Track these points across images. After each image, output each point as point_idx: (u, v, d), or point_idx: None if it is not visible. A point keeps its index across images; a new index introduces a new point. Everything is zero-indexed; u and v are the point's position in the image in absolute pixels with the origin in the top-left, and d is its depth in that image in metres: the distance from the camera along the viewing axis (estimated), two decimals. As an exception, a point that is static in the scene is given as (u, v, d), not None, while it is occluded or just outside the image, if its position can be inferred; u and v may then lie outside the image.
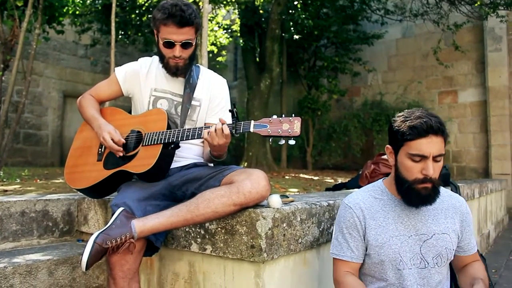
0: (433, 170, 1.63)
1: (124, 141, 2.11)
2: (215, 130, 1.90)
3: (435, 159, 1.63)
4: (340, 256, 1.78)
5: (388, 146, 1.78)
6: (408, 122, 1.63)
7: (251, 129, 1.86)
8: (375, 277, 1.78)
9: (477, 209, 5.48)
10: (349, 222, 1.78)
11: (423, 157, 1.62)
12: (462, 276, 1.84)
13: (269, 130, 1.83)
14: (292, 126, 1.82)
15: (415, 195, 1.67)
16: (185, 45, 2.10)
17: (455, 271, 1.89)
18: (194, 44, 2.15)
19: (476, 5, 7.88)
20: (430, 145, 1.61)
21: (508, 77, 9.12)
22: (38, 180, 5.01)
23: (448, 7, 8.29)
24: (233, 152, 12.03)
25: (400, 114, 1.72)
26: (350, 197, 1.87)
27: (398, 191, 1.75)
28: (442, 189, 1.84)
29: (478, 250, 1.92)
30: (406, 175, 1.68)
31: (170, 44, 2.09)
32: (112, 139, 2.08)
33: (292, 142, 1.84)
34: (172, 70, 2.17)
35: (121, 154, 2.09)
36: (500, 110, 9.14)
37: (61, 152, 10.76)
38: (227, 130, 1.89)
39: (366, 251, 1.77)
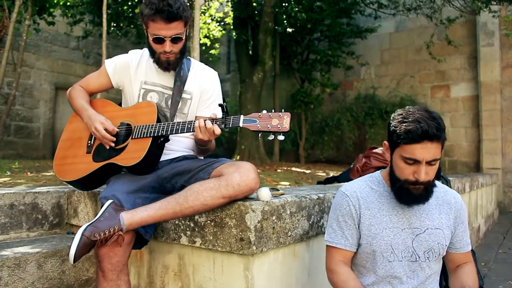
0: (426, 173, 1.61)
1: (117, 129, 2.10)
2: (205, 127, 1.90)
3: (429, 163, 1.61)
4: (334, 244, 1.79)
5: (385, 142, 1.78)
6: (404, 124, 1.59)
7: (241, 124, 1.86)
8: (365, 267, 1.79)
9: (468, 203, 5.53)
10: (345, 210, 1.79)
11: (416, 161, 1.61)
12: (453, 279, 1.83)
13: (258, 125, 1.83)
14: (282, 121, 1.81)
15: (406, 194, 1.68)
16: (175, 39, 2.09)
17: (448, 271, 1.89)
18: (184, 38, 2.13)
19: (469, -1, 7.90)
20: (424, 150, 1.58)
21: (500, 72, 9.17)
22: (29, 173, 4.97)
23: (441, 1, 8.29)
24: (226, 145, 12.03)
25: (400, 112, 1.67)
26: (347, 185, 1.87)
27: (391, 188, 1.76)
28: (439, 185, 1.84)
29: (472, 250, 1.92)
30: (399, 175, 1.68)
31: (159, 40, 2.08)
32: (106, 129, 2.06)
33: (281, 137, 1.84)
34: (164, 65, 2.16)
35: (112, 144, 2.08)
36: (492, 105, 9.19)
37: (52, 145, 10.67)
38: (218, 131, 1.90)
39: (359, 240, 1.78)
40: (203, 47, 11.57)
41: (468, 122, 9.65)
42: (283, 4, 9.81)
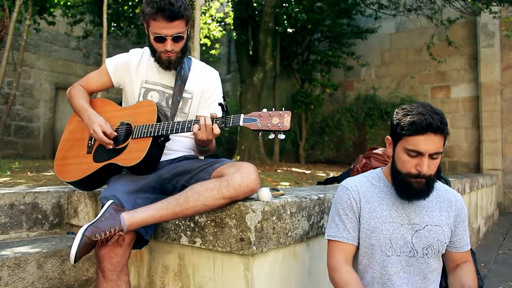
0: (428, 167, 1.63)
1: (115, 133, 2.10)
2: (205, 126, 1.90)
3: (431, 156, 1.63)
4: (337, 238, 1.78)
5: (388, 137, 1.79)
6: (409, 117, 1.62)
7: (241, 123, 1.85)
8: (361, 263, 1.79)
9: (468, 204, 5.53)
10: (346, 203, 1.80)
11: (419, 154, 1.62)
12: (452, 279, 1.84)
13: (258, 124, 1.82)
14: (282, 120, 1.81)
15: (407, 187, 1.68)
16: (176, 38, 2.08)
17: (447, 271, 1.90)
18: (185, 37, 2.13)
19: (469, 0, 7.89)
20: (427, 142, 1.60)
21: (500, 73, 9.16)
22: (29, 173, 4.97)
23: (441, 2, 8.29)
24: (226, 146, 12.03)
25: (404, 107, 1.70)
26: (348, 180, 1.89)
27: (392, 182, 1.77)
28: (439, 183, 1.85)
29: (472, 251, 1.93)
30: (400, 168, 1.69)
31: (161, 39, 2.07)
32: (104, 132, 2.06)
33: (282, 136, 1.83)
34: (165, 64, 2.15)
35: (111, 147, 2.08)
36: (492, 106, 9.19)
37: (52, 145, 10.68)
38: (217, 130, 1.90)
39: (359, 234, 1.78)
40: (204, 48, 11.57)
41: (468, 123, 9.65)
42: (284, 5, 9.80)
